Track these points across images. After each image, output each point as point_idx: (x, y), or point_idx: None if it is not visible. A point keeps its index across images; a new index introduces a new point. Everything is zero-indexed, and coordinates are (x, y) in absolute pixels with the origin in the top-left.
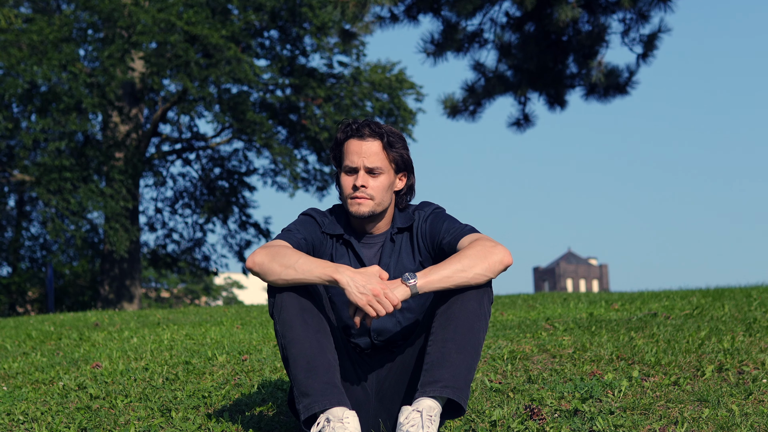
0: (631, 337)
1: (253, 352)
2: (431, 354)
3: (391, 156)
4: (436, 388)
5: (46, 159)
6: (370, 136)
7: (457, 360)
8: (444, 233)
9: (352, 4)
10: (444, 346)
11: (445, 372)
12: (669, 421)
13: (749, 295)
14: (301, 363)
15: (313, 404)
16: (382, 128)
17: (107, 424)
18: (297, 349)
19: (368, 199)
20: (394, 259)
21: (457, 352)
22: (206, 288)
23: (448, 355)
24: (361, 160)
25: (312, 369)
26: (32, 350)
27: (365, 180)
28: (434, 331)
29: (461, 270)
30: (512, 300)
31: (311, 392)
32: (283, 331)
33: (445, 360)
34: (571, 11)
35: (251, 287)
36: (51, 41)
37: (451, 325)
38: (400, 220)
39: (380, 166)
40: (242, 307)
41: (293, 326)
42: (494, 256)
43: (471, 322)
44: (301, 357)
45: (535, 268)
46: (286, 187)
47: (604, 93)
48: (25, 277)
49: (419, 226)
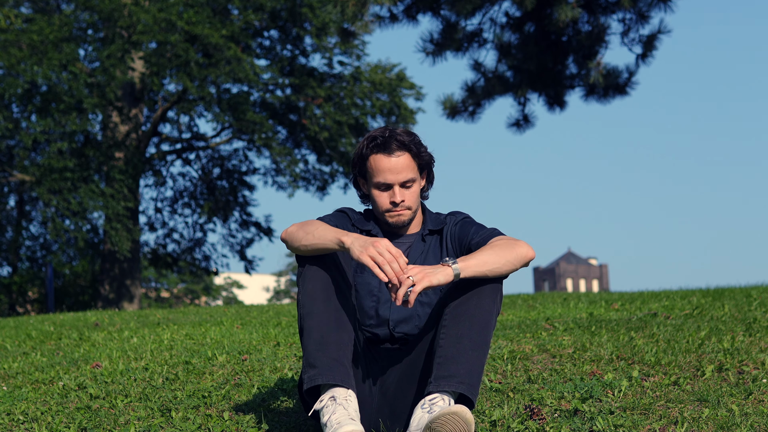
0: (631, 337)
1: (253, 352)
2: (445, 348)
3: (419, 163)
4: (452, 382)
5: (51, 160)
6: (398, 150)
7: (472, 357)
8: (473, 235)
9: (351, 4)
10: (459, 341)
11: (461, 368)
12: (669, 421)
13: (749, 295)
14: (314, 336)
15: (317, 376)
16: (406, 137)
17: (107, 424)
18: (314, 322)
19: (407, 209)
20: (421, 258)
21: (472, 349)
22: (206, 288)
23: (463, 352)
24: (395, 176)
25: (324, 343)
26: (32, 350)
27: (402, 195)
28: (447, 325)
29: (494, 256)
30: (512, 300)
31: (318, 365)
32: (303, 301)
33: (460, 356)
34: (570, 11)
35: (251, 287)
36: (51, 41)
37: (466, 320)
38: (431, 223)
39: (412, 177)
40: (242, 307)
41: (315, 299)
42: (521, 248)
43: (486, 320)
44: (315, 330)
45: (535, 268)
46: (286, 187)
47: (604, 93)
48: (25, 278)
49: (449, 229)
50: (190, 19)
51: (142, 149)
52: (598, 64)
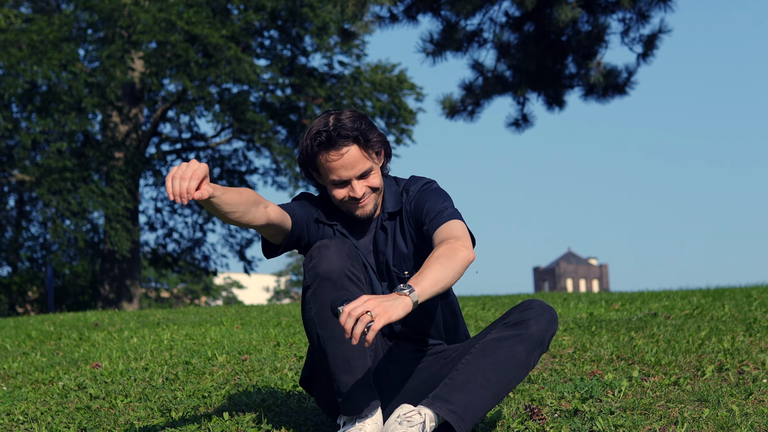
0: (631, 337)
1: (253, 352)
2: (457, 374)
3: (373, 150)
4: (445, 408)
5: (50, 160)
6: (346, 144)
7: (478, 395)
8: (425, 218)
9: (351, 4)
10: (474, 375)
11: (461, 398)
12: (669, 421)
13: (749, 295)
14: (340, 364)
15: (350, 408)
16: (351, 126)
17: (107, 424)
18: (336, 349)
19: (369, 196)
20: (390, 246)
21: (482, 387)
22: (206, 288)
23: (471, 385)
24: (349, 172)
25: (350, 370)
26: (32, 350)
27: (362, 187)
28: (473, 352)
29: (444, 271)
30: (512, 300)
31: (351, 396)
32: (320, 324)
33: (467, 388)
34: (570, 11)
35: (251, 287)
36: (51, 41)
37: (491, 359)
38: (389, 203)
39: (368, 167)
40: (242, 307)
41: (333, 325)
42: (462, 254)
43: (511, 369)
44: (339, 358)
45: (535, 268)
46: (286, 187)
47: (603, 93)
48: (25, 278)
49: (406, 209)
50: (190, 19)
51: (142, 149)
52: (598, 63)
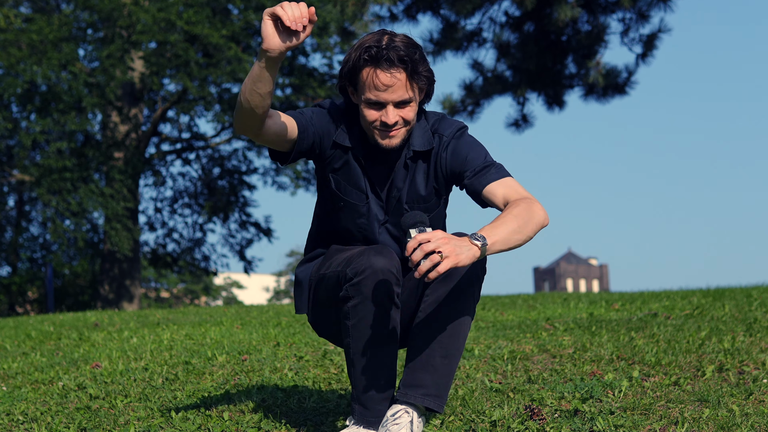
0: (631, 337)
1: (253, 352)
2: (414, 353)
3: (419, 83)
4: (418, 395)
5: (50, 160)
6: (395, 67)
7: (441, 366)
8: (467, 170)
9: (351, 3)
10: (429, 348)
11: (428, 377)
12: (669, 422)
13: (749, 295)
14: (367, 377)
15: (368, 417)
16: (405, 51)
17: (107, 424)
18: (368, 363)
19: (400, 129)
20: (407, 184)
21: (441, 357)
22: (206, 288)
23: (432, 359)
24: (388, 95)
25: (377, 384)
26: (32, 350)
27: (395, 116)
28: (419, 326)
29: (518, 233)
30: (512, 300)
31: (368, 405)
32: (356, 336)
33: (429, 364)
34: (570, 11)
35: (251, 287)
36: (51, 41)
37: (438, 324)
38: (418, 140)
39: (409, 97)
40: (242, 307)
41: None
42: (539, 217)
43: (460, 325)
44: (367, 372)
45: (535, 268)
46: (286, 187)
47: (603, 93)
48: (25, 278)
49: (438, 153)
50: (190, 18)
51: (141, 149)
52: (598, 63)
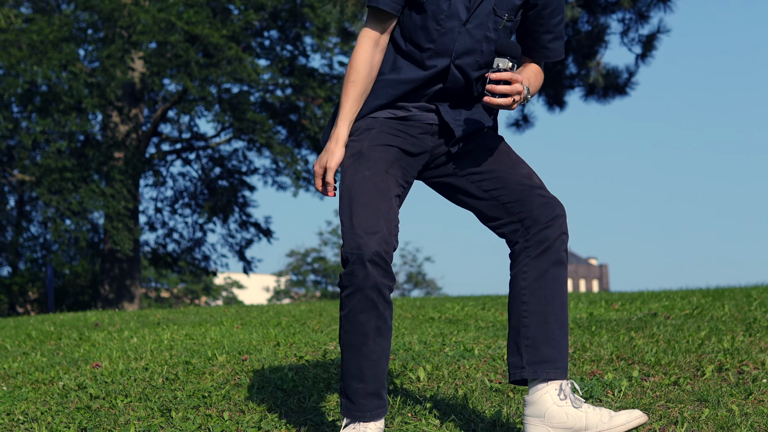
0: (631, 337)
1: (253, 352)
2: (533, 328)
3: None
4: (550, 369)
5: (50, 160)
6: None
7: (561, 338)
8: (551, 31)
9: (351, 4)
10: (546, 321)
11: (554, 351)
12: (669, 421)
13: (749, 295)
14: (352, 369)
15: (353, 411)
16: None
17: (107, 424)
18: (354, 356)
19: None
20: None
21: (559, 329)
22: (206, 288)
23: (552, 332)
24: None
25: (361, 377)
26: (32, 350)
27: None
28: (529, 301)
29: (536, 87)
30: None
31: (355, 399)
32: (346, 327)
33: (551, 338)
34: (570, 11)
35: (251, 287)
36: (51, 41)
37: (549, 298)
38: None
39: None
40: (242, 307)
41: (364, 335)
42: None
43: (564, 295)
44: (353, 364)
45: None
46: (286, 187)
47: (604, 93)
48: (25, 278)
49: None
50: (190, 19)
51: (142, 149)
52: (598, 63)
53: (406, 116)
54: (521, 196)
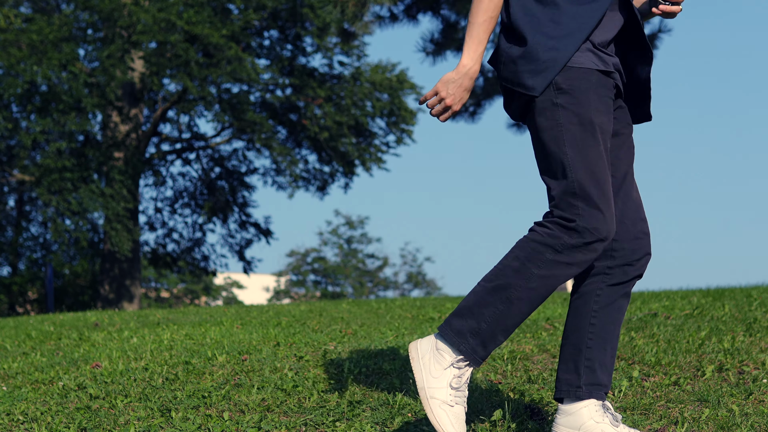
0: (631, 337)
1: (253, 352)
2: (594, 351)
3: None
4: (604, 393)
5: (50, 160)
6: None
7: (611, 365)
8: None
9: (351, 4)
10: (605, 348)
11: (606, 377)
12: (669, 421)
13: (749, 295)
14: (509, 323)
15: (478, 355)
16: None
17: (107, 424)
18: (527, 310)
19: None
20: None
21: (612, 357)
22: (206, 288)
23: (607, 359)
24: None
25: (508, 334)
26: (32, 350)
27: None
28: (597, 324)
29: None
30: None
31: (489, 348)
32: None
33: (606, 364)
34: None
35: (251, 287)
36: (51, 41)
37: (612, 327)
38: None
39: None
40: (242, 307)
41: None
42: None
43: (621, 323)
44: (517, 319)
45: None
46: (286, 187)
47: None
48: (25, 278)
49: None
50: (190, 18)
51: (141, 149)
52: None
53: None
54: (625, 218)
